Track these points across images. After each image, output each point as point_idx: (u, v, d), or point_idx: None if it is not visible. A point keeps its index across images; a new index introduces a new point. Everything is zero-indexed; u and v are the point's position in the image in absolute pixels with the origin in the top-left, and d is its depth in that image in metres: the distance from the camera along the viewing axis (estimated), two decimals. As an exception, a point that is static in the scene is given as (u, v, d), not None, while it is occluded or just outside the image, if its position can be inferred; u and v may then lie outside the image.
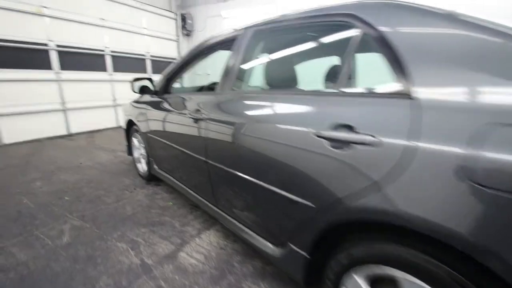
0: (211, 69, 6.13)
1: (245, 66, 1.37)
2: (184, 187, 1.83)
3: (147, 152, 2.33)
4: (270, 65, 1.48)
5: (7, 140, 3.95)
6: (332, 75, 1.41)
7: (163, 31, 6.27)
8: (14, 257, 1.45)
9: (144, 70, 5.97)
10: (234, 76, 1.33)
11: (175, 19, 6.53)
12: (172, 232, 1.72)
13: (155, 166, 2.24)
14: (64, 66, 4.48)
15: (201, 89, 2.36)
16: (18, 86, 3.97)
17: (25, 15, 3.94)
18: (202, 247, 1.57)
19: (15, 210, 1.99)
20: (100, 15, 4.94)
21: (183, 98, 1.77)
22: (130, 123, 2.57)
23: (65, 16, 4.40)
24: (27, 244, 1.57)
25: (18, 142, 4.08)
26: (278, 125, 0.98)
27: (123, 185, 2.47)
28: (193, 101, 1.61)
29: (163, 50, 6.36)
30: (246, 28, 1.37)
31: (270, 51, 1.49)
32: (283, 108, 1.03)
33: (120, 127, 5.44)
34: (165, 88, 2.07)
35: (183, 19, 6.46)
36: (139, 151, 2.59)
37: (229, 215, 1.40)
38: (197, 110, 1.47)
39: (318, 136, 0.83)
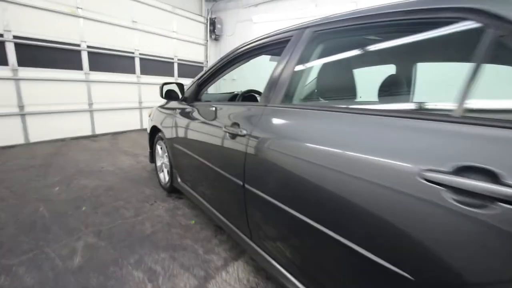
0: (237, 74, 5.99)
1: (300, 75, 1.12)
2: (211, 207, 1.59)
3: (170, 163, 2.14)
4: (337, 74, 1.23)
5: (32, 138, 3.97)
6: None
7: (192, 35, 6.23)
8: (19, 280, 1.28)
9: (171, 74, 5.93)
10: (286, 86, 1.09)
11: (205, 23, 6.48)
12: (195, 261, 1.48)
13: (179, 179, 2.03)
14: (93, 67, 4.49)
15: (234, 97, 2.15)
16: (48, 85, 4.00)
17: (60, 15, 3.98)
18: (229, 285, 1.32)
19: (30, 220, 1.85)
20: (132, 18, 4.95)
21: (215, 108, 1.55)
22: (155, 129, 2.40)
23: (98, 17, 4.42)
24: (36, 264, 1.40)
25: (43, 141, 4.09)
26: (359, 155, 0.71)
27: (143, 196, 2.29)
28: (229, 113, 1.38)
29: (191, 54, 6.31)
30: (302, 28, 1.12)
31: (337, 57, 1.23)
32: (365, 130, 0.76)
33: (144, 129, 5.38)
34: (195, 95, 1.87)
35: (213, 23, 6.39)
36: (162, 159, 2.41)
37: (266, 253, 1.14)
38: (235, 124, 1.23)
39: (429, 181, 0.56)
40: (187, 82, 1.97)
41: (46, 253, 1.48)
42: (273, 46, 1.33)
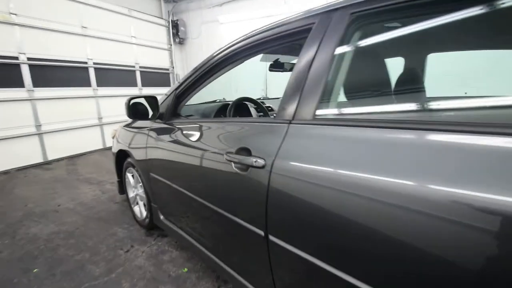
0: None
1: (340, 76, 0.80)
2: (211, 255, 1.21)
3: (147, 195, 1.71)
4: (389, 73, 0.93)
5: (-35, 175, 3.21)
6: None
7: (153, 40, 5.67)
8: None
9: (133, 83, 5.32)
10: (320, 94, 0.76)
11: (167, 27, 5.95)
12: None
13: (161, 216, 1.62)
14: (38, 82, 3.79)
15: (223, 108, 1.76)
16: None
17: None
18: None
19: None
20: (82, 23, 4.31)
21: (205, 126, 1.19)
22: (123, 154, 1.94)
23: (38, 24, 3.75)
24: None
25: (-20, 176, 3.34)
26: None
27: (115, 240, 1.83)
28: (228, 133, 1.03)
29: (155, 61, 5.74)
30: (330, 11, 0.80)
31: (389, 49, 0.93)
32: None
33: (108, 148, 4.74)
34: (174, 109, 1.48)
35: (175, 26, 5.90)
36: (135, 190, 1.96)
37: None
38: (243, 151, 0.88)
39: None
40: (153, 91, 1.57)
41: None
42: (279, 41, 1.00)
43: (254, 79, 5.36)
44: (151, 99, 1.45)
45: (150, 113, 1.49)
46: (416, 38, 0.94)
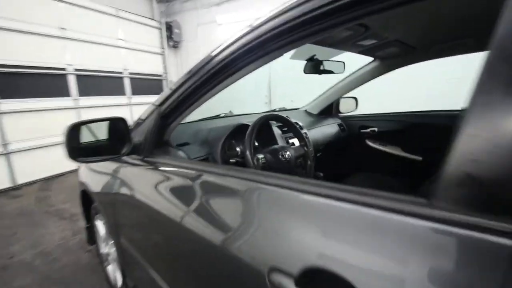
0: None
1: None
2: None
3: (122, 270, 1.12)
4: None
5: None
6: None
7: (144, 43, 5.10)
8: None
9: (121, 92, 4.73)
10: None
11: (159, 29, 5.40)
12: None
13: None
14: (4, 93, 3.20)
15: (237, 131, 1.16)
16: None
17: None
18: None
19: None
20: (60, 24, 3.74)
21: (220, 181, 0.61)
22: (88, 196, 1.35)
23: (7, 25, 3.17)
24: None
25: None
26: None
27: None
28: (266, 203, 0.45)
29: (146, 66, 5.17)
30: None
31: None
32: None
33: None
34: (158, 137, 0.90)
35: (169, 28, 5.35)
36: (107, 247, 1.37)
37: None
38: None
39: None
40: (144, 100, 1.01)
41: None
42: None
43: (255, 85, 4.82)
44: (117, 123, 0.87)
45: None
46: None
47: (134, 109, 4.84)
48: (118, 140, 0.88)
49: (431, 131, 1.56)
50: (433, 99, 3.03)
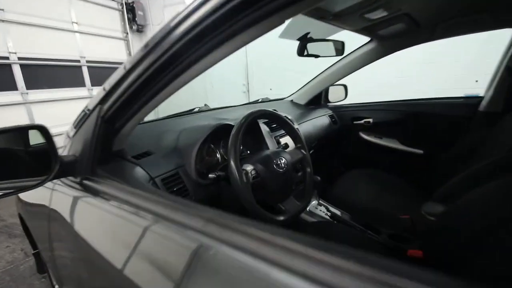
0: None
1: None
2: None
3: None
4: None
5: None
6: None
7: (103, 27, 4.51)
8: None
9: (80, 83, 4.18)
10: None
11: (120, 11, 4.82)
12: None
13: None
14: None
15: (217, 133, 0.90)
16: None
17: None
18: None
19: None
20: (-3, 4, 3.14)
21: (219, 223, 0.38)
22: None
23: None
24: None
25: None
26: None
27: None
28: None
29: (107, 53, 4.57)
30: None
31: None
32: None
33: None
34: (104, 148, 0.64)
35: (131, 10, 4.79)
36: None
37: None
38: None
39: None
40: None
41: None
42: None
43: (232, 71, 4.50)
44: (36, 132, 0.59)
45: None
46: None
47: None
48: (41, 158, 0.60)
49: (433, 121, 1.42)
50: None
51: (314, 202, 1.25)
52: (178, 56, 0.48)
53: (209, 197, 0.82)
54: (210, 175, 0.73)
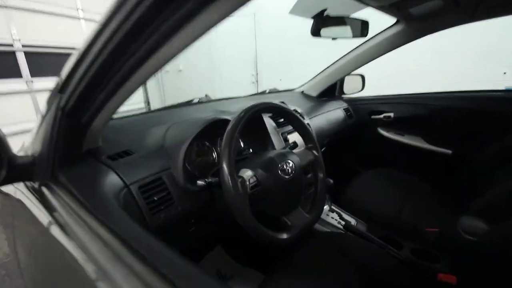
0: (184, 59, 4.47)
1: None
2: None
3: None
4: None
5: None
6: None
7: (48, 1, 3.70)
8: None
9: (16, 73, 3.36)
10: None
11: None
12: None
13: None
14: None
15: (211, 129, 0.74)
16: None
17: None
18: None
19: None
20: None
21: None
22: None
23: None
24: None
25: None
26: None
27: None
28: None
29: (55, 34, 3.71)
30: None
31: None
32: None
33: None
34: (69, 147, 0.51)
35: (138, -4, 4.62)
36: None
37: None
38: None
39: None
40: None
41: None
42: None
43: (240, 61, 4.32)
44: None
45: None
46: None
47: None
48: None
49: (465, 117, 1.23)
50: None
51: (325, 208, 1.11)
52: (142, 31, 0.34)
53: (200, 206, 0.68)
54: (198, 182, 0.59)
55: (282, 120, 1.00)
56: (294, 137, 0.98)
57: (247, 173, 0.60)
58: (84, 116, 0.53)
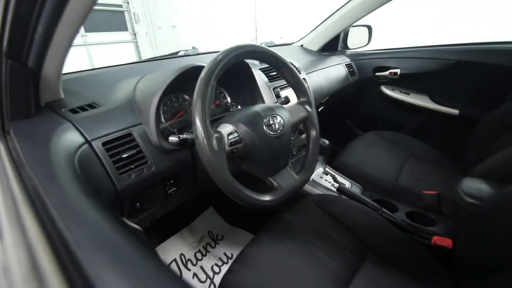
0: (180, 14, 4.16)
1: None
2: None
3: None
4: None
5: None
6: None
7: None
8: None
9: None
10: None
11: None
12: None
13: None
14: None
15: (182, 80, 0.65)
16: None
17: None
18: None
19: None
20: None
21: None
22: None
23: None
24: None
25: None
26: None
27: None
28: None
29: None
30: None
31: None
32: None
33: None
34: (21, 98, 0.45)
35: None
36: None
37: None
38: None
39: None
40: (100, 38, 0.49)
41: None
42: None
43: (239, 17, 4.00)
44: None
45: None
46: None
47: (91, 50, 3.98)
48: None
49: (476, 72, 1.11)
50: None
51: (319, 170, 1.05)
52: None
53: (180, 166, 0.62)
54: (170, 139, 0.52)
55: (274, 73, 0.90)
56: (288, 93, 0.89)
57: (226, 128, 0.52)
58: (28, 58, 0.44)
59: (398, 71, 1.26)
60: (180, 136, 0.53)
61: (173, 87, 0.60)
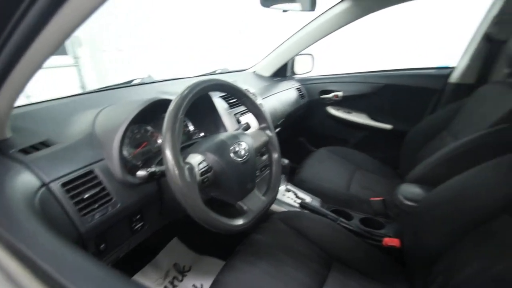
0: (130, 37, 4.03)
1: None
2: None
3: None
4: None
5: None
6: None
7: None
8: None
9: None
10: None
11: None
12: None
13: None
14: None
15: (146, 115, 0.66)
16: None
17: None
18: None
19: None
20: None
21: None
22: None
23: None
24: None
25: None
26: None
27: None
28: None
29: None
30: None
31: None
32: None
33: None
34: None
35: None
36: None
37: None
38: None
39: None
40: None
41: None
42: None
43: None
44: None
45: None
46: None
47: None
48: None
49: (402, 93, 1.33)
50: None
51: (281, 188, 1.12)
52: None
53: (146, 200, 0.61)
54: (138, 173, 0.52)
55: (234, 100, 0.95)
56: (248, 118, 0.94)
57: (195, 158, 0.54)
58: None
59: (340, 93, 1.44)
60: (148, 169, 0.53)
61: (135, 119, 0.60)
